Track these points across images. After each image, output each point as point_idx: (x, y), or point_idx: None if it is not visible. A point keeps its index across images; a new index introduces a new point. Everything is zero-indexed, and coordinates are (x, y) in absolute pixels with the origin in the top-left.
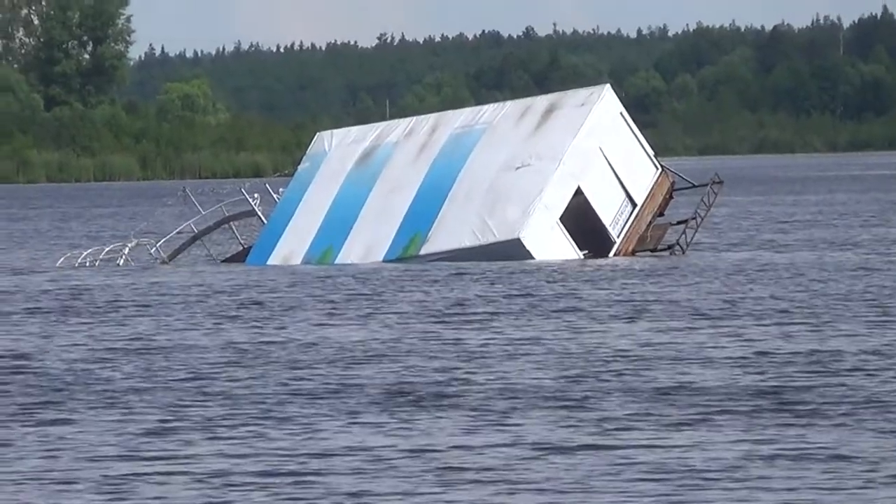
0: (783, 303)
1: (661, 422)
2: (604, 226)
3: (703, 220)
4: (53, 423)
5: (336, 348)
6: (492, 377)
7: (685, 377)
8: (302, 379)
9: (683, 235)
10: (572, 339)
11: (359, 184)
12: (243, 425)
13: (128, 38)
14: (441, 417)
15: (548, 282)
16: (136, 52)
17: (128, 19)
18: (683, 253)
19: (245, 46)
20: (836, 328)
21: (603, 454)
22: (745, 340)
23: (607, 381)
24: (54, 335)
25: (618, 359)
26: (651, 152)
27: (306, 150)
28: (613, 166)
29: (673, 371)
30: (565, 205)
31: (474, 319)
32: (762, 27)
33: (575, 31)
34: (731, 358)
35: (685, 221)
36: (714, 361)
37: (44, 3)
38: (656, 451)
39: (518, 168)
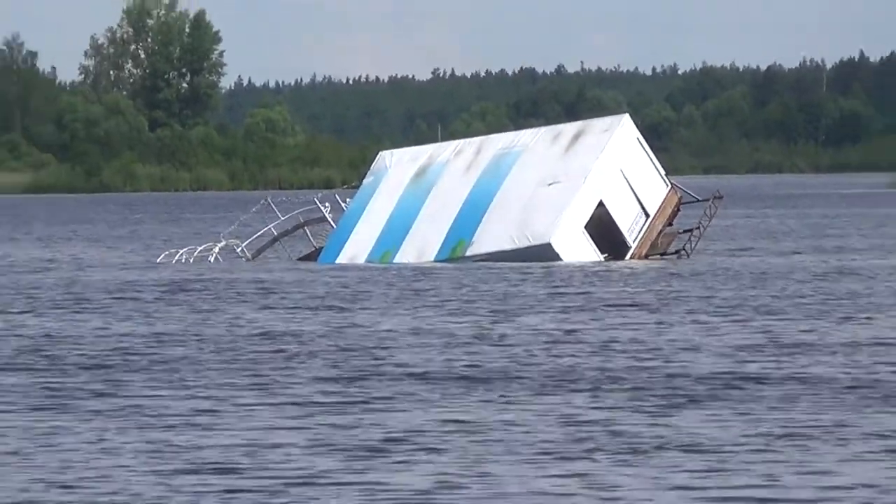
0: (770, 300)
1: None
2: (621, 233)
3: (705, 229)
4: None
5: (404, 334)
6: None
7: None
8: (366, 362)
9: (689, 242)
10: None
11: (414, 196)
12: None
13: (220, 70)
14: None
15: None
16: (227, 83)
17: (220, 54)
18: (688, 257)
19: (319, 79)
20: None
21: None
22: (747, 331)
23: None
24: (159, 318)
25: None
26: (662, 172)
27: (370, 166)
28: (631, 183)
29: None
30: (589, 215)
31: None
32: (758, 67)
33: (599, 69)
34: (727, 346)
35: (690, 230)
36: (705, 350)
37: (149, 40)
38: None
39: (550, 184)
